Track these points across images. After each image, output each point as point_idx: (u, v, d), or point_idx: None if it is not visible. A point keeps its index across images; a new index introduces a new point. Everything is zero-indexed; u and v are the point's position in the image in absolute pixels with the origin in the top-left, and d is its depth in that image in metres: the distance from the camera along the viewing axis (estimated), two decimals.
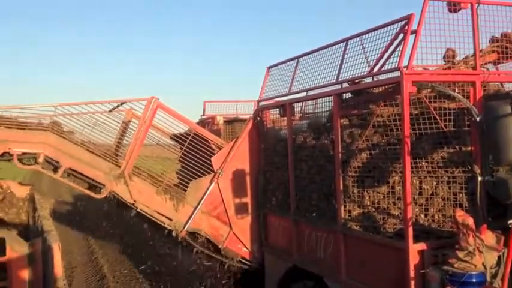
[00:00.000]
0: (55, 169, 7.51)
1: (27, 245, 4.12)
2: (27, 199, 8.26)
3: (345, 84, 5.99)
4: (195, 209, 7.72)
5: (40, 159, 7.39)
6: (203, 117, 13.97)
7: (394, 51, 5.21)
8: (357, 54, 5.76)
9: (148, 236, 12.71)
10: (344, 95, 6.07)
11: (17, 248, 3.99)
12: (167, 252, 11.38)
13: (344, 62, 5.93)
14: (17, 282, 4.10)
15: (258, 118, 7.99)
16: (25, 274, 4.09)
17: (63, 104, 7.42)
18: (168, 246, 11.23)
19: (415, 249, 4.87)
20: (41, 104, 7.47)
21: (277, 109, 7.43)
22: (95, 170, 7.46)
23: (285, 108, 7.08)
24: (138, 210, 7.58)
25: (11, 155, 7.39)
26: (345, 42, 6.02)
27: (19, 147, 7.38)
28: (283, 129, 7.41)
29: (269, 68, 8.02)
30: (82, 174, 7.51)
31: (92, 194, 7.63)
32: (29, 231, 7.16)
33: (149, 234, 12.30)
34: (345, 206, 5.79)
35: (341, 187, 5.78)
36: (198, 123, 10.22)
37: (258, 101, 8.14)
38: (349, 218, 5.77)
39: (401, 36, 5.16)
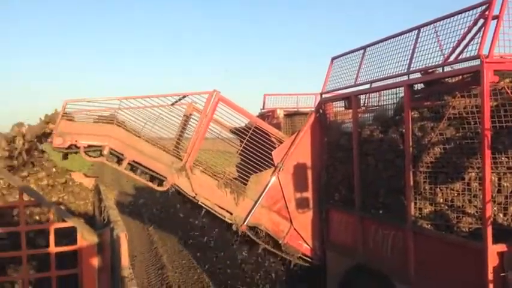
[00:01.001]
0: (119, 161, 7.70)
1: (96, 235, 4.17)
2: (93, 190, 8.48)
3: (417, 75, 5.69)
4: (255, 203, 7.65)
5: (105, 152, 7.60)
6: (263, 110, 13.86)
7: (472, 38, 4.87)
8: (430, 43, 5.46)
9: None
10: (415, 85, 5.77)
11: (87, 237, 4.05)
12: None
13: (416, 51, 5.64)
14: (87, 270, 4.16)
15: (321, 111, 7.77)
16: (95, 262, 4.15)
17: (128, 97, 7.56)
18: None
19: (494, 251, 4.59)
20: (107, 97, 7.64)
21: (342, 101, 7.21)
22: (157, 163, 7.57)
23: (351, 100, 6.82)
24: (200, 203, 7.61)
25: (78, 147, 7.63)
26: (416, 31, 5.72)
27: (85, 140, 7.61)
28: (348, 122, 7.17)
29: (333, 58, 7.77)
30: (145, 167, 7.64)
31: (154, 187, 7.75)
32: (95, 221, 7.33)
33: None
34: (415, 203, 5.53)
35: (411, 183, 5.52)
36: (257, 117, 10.14)
37: (321, 94, 7.90)
38: (420, 215, 5.50)
39: (481, 22, 4.82)
